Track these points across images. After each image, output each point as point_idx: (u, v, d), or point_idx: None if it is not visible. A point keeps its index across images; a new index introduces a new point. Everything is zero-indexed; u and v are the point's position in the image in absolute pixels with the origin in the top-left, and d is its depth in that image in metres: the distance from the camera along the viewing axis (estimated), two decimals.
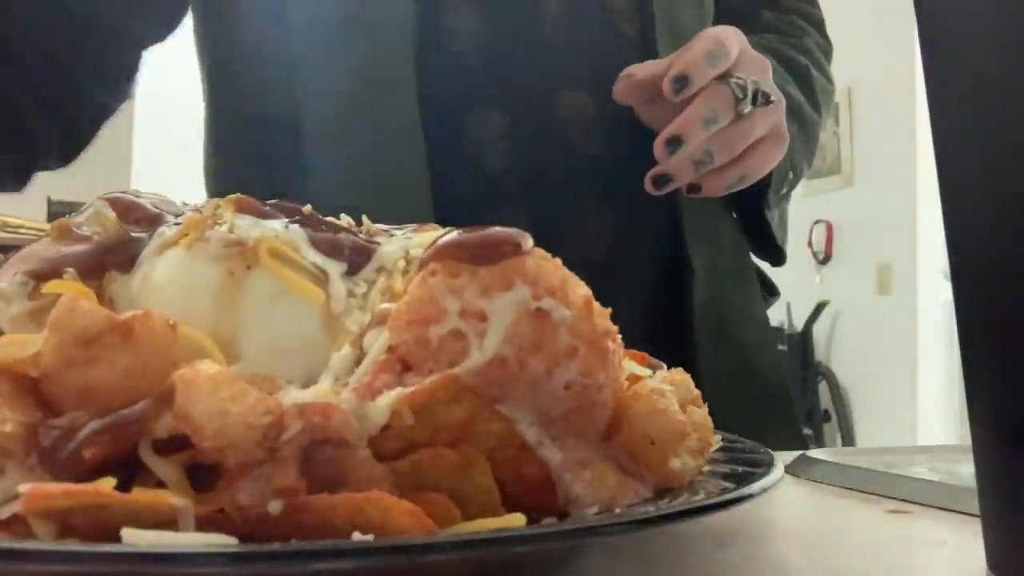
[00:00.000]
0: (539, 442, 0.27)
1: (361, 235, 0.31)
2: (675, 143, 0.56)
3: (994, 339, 0.29)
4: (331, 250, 0.29)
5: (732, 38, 0.60)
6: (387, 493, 0.23)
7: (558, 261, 0.27)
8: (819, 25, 0.85)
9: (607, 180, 0.66)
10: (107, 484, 0.21)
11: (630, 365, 0.32)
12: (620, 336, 0.28)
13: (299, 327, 0.27)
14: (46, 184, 0.65)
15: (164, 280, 0.28)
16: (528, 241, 0.27)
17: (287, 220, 0.30)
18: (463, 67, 0.63)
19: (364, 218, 0.33)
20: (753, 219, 0.74)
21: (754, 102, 0.58)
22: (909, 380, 3.69)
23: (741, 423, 0.67)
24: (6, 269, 0.28)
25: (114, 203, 0.30)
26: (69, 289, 0.25)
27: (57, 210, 3.43)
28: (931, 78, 0.30)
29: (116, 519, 0.22)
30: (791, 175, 0.73)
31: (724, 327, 0.70)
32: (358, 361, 0.26)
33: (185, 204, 0.32)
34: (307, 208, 0.31)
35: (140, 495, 0.21)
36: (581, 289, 0.27)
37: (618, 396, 0.30)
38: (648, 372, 0.32)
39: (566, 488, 0.27)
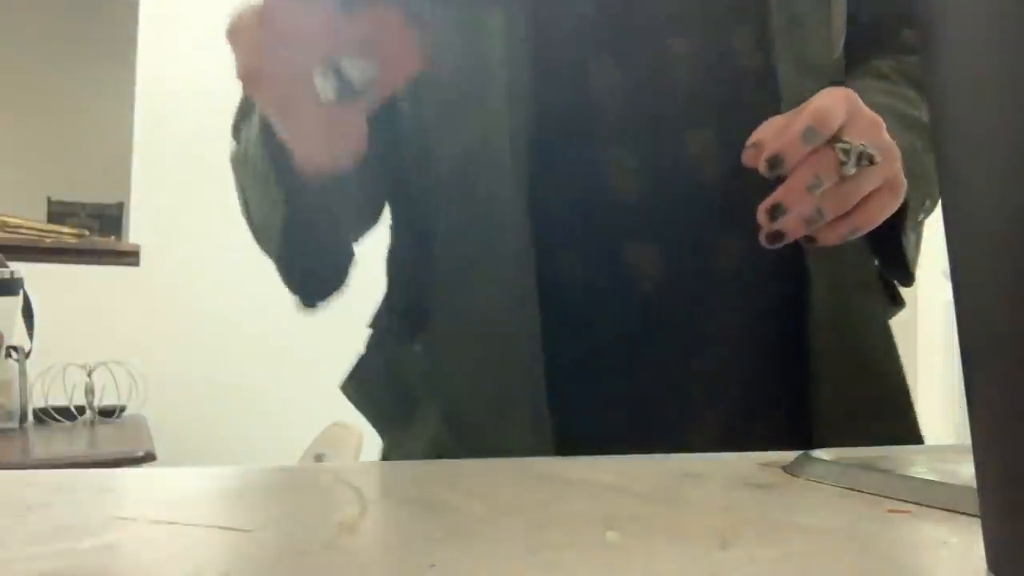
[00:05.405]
0: None
1: None
2: (777, 210, 0.62)
3: (994, 339, 0.29)
4: None
5: (839, 105, 0.63)
6: None
7: None
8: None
9: (734, 205, 0.71)
10: None
11: None
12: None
13: None
14: (46, 184, 0.66)
15: None
16: None
17: None
18: (601, 111, 0.71)
19: None
20: (889, 241, 0.78)
21: (859, 163, 0.62)
22: (909, 380, 3.68)
23: (859, 424, 0.75)
24: None
25: None
26: None
27: (57, 210, 3.42)
28: (931, 78, 0.30)
29: None
30: (927, 203, 0.77)
31: (844, 335, 0.76)
32: None
33: None
34: None
35: None
36: None
37: None
38: None
39: None
